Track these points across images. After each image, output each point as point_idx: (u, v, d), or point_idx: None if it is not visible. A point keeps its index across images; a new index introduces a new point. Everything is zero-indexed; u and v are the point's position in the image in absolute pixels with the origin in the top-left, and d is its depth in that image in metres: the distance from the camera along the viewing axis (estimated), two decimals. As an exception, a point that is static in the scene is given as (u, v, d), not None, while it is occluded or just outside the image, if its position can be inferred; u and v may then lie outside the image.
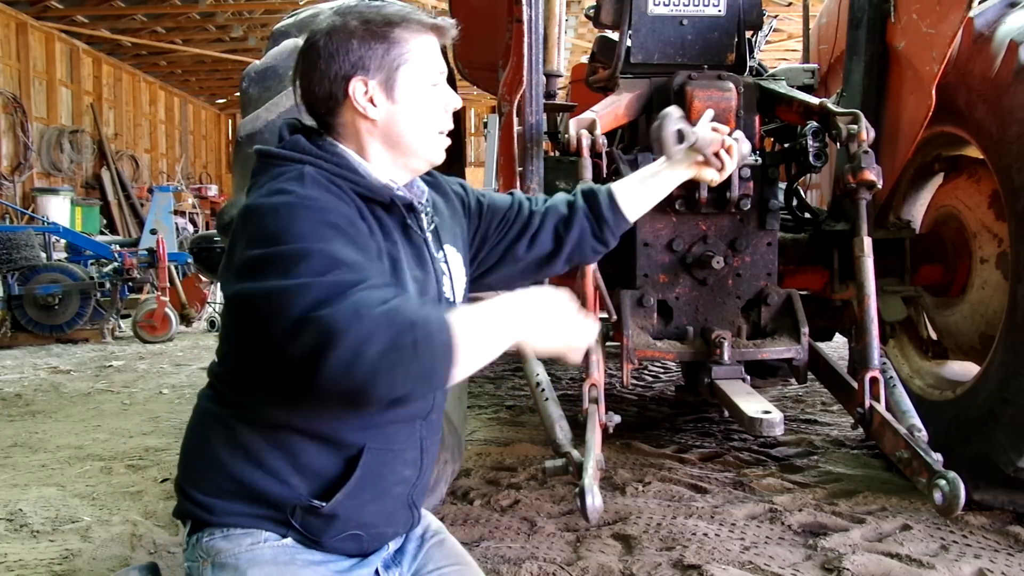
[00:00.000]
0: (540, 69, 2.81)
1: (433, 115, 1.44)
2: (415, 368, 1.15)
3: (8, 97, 13.35)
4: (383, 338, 1.12)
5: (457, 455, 2.77)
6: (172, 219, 9.95)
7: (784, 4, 6.60)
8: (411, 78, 1.41)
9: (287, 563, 1.36)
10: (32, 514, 2.95)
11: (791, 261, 3.20)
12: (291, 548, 1.38)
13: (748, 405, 2.48)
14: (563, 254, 1.72)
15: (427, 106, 1.43)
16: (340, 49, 1.37)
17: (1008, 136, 2.66)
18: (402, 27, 1.40)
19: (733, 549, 2.53)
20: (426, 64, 1.42)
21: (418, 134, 1.44)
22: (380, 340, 1.12)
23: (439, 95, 1.45)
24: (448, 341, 1.16)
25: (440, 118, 1.46)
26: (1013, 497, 2.74)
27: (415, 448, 1.48)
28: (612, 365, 4.48)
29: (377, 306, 1.14)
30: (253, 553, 1.36)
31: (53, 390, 5.51)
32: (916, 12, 2.88)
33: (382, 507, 1.44)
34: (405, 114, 1.42)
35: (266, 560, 1.36)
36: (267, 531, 1.37)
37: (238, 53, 16.41)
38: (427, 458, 1.51)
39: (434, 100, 1.44)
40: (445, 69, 1.47)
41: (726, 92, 2.94)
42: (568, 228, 1.70)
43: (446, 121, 1.47)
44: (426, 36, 1.42)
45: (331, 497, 1.36)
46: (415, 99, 1.42)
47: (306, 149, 1.38)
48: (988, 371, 2.82)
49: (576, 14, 12.36)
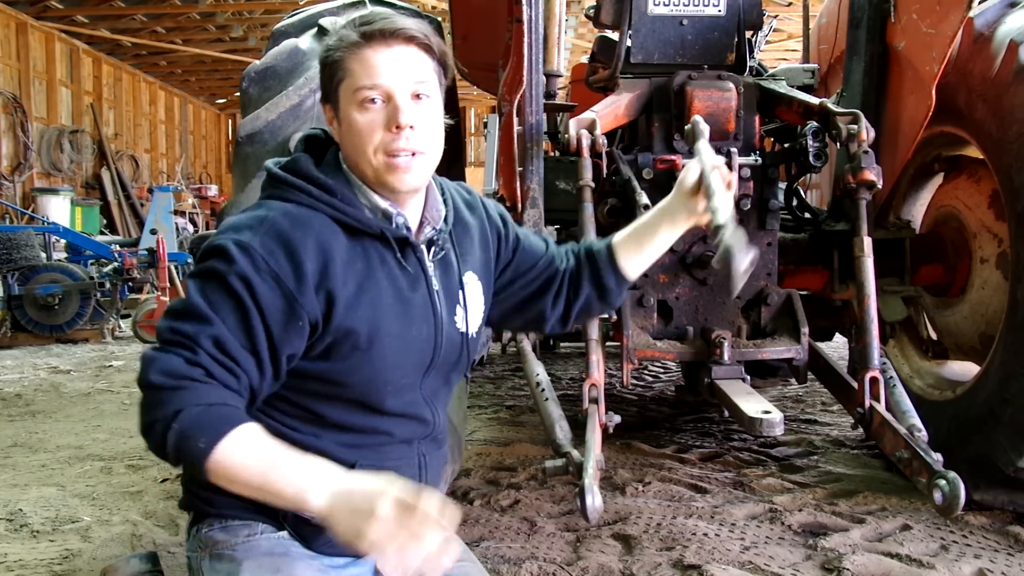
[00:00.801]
0: (540, 69, 2.81)
1: (366, 133, 1.32)
2: (177, 459, 1.23)
3: (8, 97, 13.35)
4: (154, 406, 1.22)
5: (457, 455, 2.77)
6: (172, 219, 9.96)
7: (784, 4, 6.60)
8: (345, 97, 1.35)
9: (282, 555, 1.37)
10: (32, 514, 2.95)
11: (791, 261, 3.20)
12: (287, 541, 1.39)
13: (748, 405, 2.48)
14: (570, 319, 1.68)
15: (356, 124, 1.33)
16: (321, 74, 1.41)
17: (1008, 136, 2.66)
18: (340, 44, 1.34)
19: (733, 549, 2.53)
20: (357, 79, 1.32)
21: (356, 157, 1.36)
22: (152, 405, 1.23)
23: (374, 111, 1.32)
24: (200, 456, 1.20)
25: (376, 136, 1.32)
26: (1013, 497, 2.73)
27: (413, 465, 1.47)
28: (612, 365, 4.48)
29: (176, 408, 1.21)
30: (249, 544, 1.38)
31: (53, 390, 5.51)
32: (916, 12, 2.88)
33: None
34: (345, 136, 1.37)
35: (262, 551, 1.37)
36: (263, 523, 1.39)
37: (238, 53, 16.42)
38: (429, 472, 1.51)
39: (365, 117, 1.32)
40: (400, 81, 1.32)
41: (726, 92, 2.94)
42: (576, 295, 1.66)
43: (387, 139, 1.32)
44: (360, 51, 1.32)
45: None
46: (348, 118, 1.35)
47: (301, 173, 1.37)
48: (988, 371, 2.82)
49: (576, 14, 12.36)
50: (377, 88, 1.32)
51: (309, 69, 3.00)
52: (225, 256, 1.27)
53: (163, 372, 1.22)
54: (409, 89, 1.33)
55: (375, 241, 1.37)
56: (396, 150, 1.32)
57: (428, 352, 1.44)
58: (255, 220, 1.32)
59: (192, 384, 1.22)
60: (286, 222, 1.31)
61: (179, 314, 1.27)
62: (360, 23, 1.34)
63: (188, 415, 1.20)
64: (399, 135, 1.32)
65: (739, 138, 2.99)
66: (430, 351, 1.44)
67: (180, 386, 1.21)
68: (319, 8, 3.48)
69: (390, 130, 1.32)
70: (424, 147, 1.35)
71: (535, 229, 2.87)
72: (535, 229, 2.87)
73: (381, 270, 1.37)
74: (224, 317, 1.26)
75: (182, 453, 1.21)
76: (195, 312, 1.26)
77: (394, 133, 1.32)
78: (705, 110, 2.93)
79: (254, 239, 1.28)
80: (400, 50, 1.33)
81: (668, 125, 3.02)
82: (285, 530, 1.39)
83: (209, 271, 1.28)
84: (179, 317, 1.27)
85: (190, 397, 1.21)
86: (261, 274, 1.27)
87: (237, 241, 1.28)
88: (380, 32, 1.32)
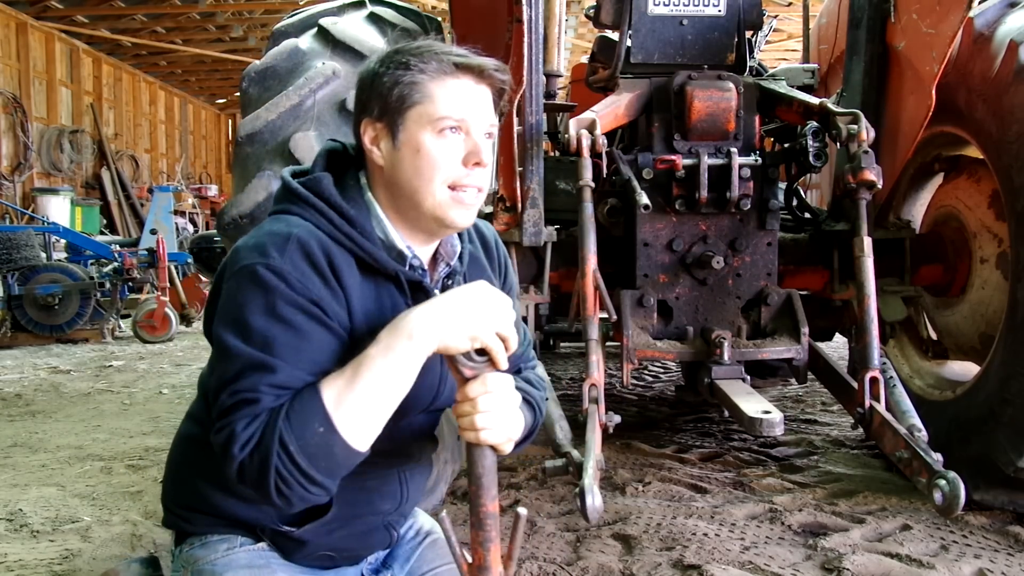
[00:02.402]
0: (540, 69, 2.82)
1: (437, 163, 1.27)
2: (306, 475, 1.15)
3: (8, 97, 13.35)
4: (263, 468, 1.14)
5: (457, 455, 2.77)
6: (172, 219, 9.96)
7: (784, 4, 6.60)
8: (417, 121, 1.28)
9: (263, 566, 1.38)
10: (32, 514, 2.94)
11: (791, 261, 3.20)
12: (267, 552, 1.40)
13: (748, 405, 2.48)
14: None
15: (431, 152, 1.27)
16: (362, 91, 1.34)
17: (1008, 136, 2.66)
18: (419, 67, 1.28)
19: (733, 549, 2.52)
20: (440, 107, 1.27)
21: (417, 184, 1.28)
22: (260, 470, 1.14)
23: (452, 142, 1.28)
24: (322, 433, 1.14)
25: (448, 168, 1.28)
26: (1013, 497, 2.74)
27: (393, 484, 1.46)
28: (612, 365, 4.48)
29: (260, 438, 1.14)
30: (229, 558, 1.38)
31: (53, 390, 5.51)
32: (916, 12, 2.88)
33: (355, 534, 1.44)
34: (405, 160, 1.29)
35: (241, 564, 1.38)
36: (242, 536, 1.39)
37: (238, 53, 16.43)
38: (410, 489, 1.49)
39: (442, 146, 1.27)
40: (480, 118, 1.30)
41: (726, 92, 2.95)
42: None
43: (459, 173, 1.28)
44: (447, 79, 1.28)
45: (301, 526, 1.36)
46: (417, 143, 1.28)
47: (322, 194, 1.30)
48: (988, 371, 2.82)
49: (576, 14, 12.35)
50: (462, 121, 1.28)
51: (309, 69, 3.00)
52: (260, 283, 1.20)
53: (243, 444, 1.15)
54: (485, 128, 1.31)
55: (388, 282, 1.32)
56: (465, 185, 1.29)
57: (428, 399, 1.39)
58: (280, 239, 1.23)
59: (267, 426, 1.15)
60: (313, 242, 1.24)
61: (232, 371, 1.19)
62: (451, 54, 1.30)
63: (286, 433, 1.13)
64: (472, 171, 1.29)
65: (739, 138, 2.99)
66: (430, 398, 1.39)
67: (262, 434, 1.15)
68: (319, 8, 3.48)
69: (467, 165, 1.29)
70: (484, 186, 1.33)
71: (534, 238, 2.87)
72: (534, 238, 2.87)
73: (391, 314, 1.28)
74: (278, 352, 1.18)
75: (319, 456, 1.14)
76: (249, 363, 1.18)
77: (469, 168, 1.29)
78: (705, 110, 2.93)
79: (284, 262, 1.21)
80: (485, 90, 1.32)
81: (668, 125, 3.02)
82: (263, 542, 1.40)
83: (246, 304, 1.20)
84: (237, 375, 1.18)
85: (272, 425, 1.15)
86: (302, 297, 1.21)
87: (268, 265, 1.20)
88: (478, 68, 1.30)
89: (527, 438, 1.47)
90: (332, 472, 1.18)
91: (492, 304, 1.22)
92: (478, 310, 1.20)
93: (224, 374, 1.19)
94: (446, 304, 1.21)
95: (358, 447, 1.17)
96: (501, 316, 1.22)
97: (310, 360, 1.20)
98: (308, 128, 2.89)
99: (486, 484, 1.24)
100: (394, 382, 1.18)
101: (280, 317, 1.19)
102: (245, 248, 1.25)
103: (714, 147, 2.95)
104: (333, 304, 1.24)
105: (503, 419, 1.22)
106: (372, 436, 1.19)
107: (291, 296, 1.20)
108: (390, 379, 1.17)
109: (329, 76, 2.95)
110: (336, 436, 1.15)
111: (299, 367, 1.19)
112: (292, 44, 3.14)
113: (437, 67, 1.28)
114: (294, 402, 1.16)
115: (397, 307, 1.30)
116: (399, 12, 3.45)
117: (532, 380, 1.57)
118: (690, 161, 2.86)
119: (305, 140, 2.83)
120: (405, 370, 1.18)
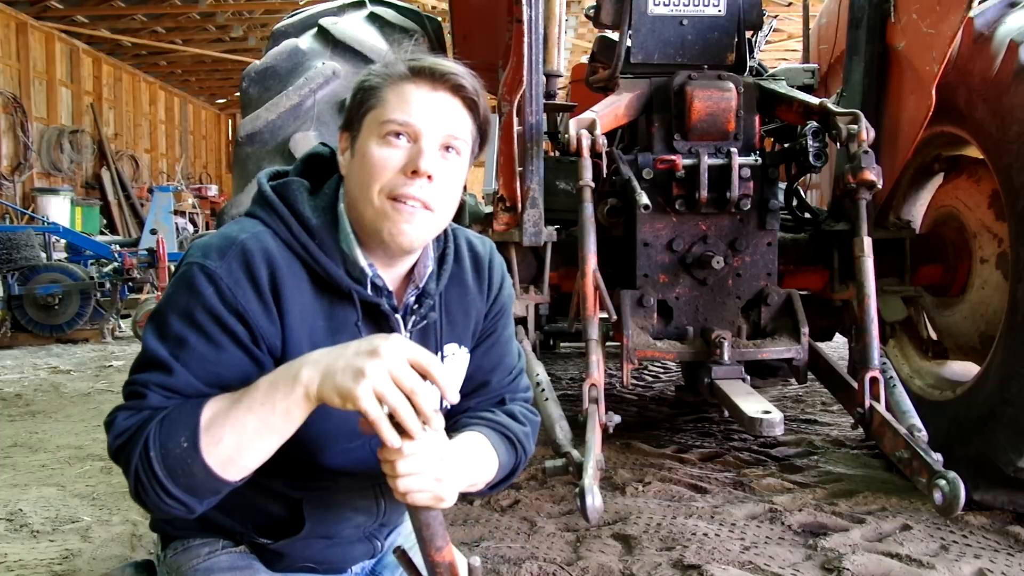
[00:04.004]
0: (540, 69, 2.82)
1: (377, 168, 1.17)
2: (162, 486, 1.09)
3: (8, 97, 13.35)
4: (127, 465, 1.11)
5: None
6: (172, 219, 9.98)
7: (784, 4, 6.62)
8: (369, 126, 1.21)
9: (244, 568, 1.38)
10: (32, 514, 2.94)
11: (791, 261, 3.21)
12: (248, 555, 1.40)
13: (748, 405, 2.48)
14: None
15: (372, 157, 1.18)
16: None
17: (1008, 136, 2.66)
18: (384, 73, 1.22)
19: (733, 549, 2.52)
20: (387, 110, 1.19)
21: (358, 193, 1.20)
22: (124, 466, 1.11)
23: (395, 148, 1.18)
24: (184, 448, 1.08)
25: (385, 175, 1.17)
26: (1013, 497, 2.74)
27: (368, 498, 1.41)
28: (612, 365, 4.48)
29: (138, 439, 1.10)
30: (210, 561, 1.38)
31: (53, 390, 5.51)
32: (916, 12, 2.88)
33: (332, 547, 1.42)
34: (354, 167, 1.22)
35: (223, 567, 1.37)
36: (223, 540, 1.39)
37: (238, 53, 16.43)
38: (388, 501, 1.43)
39: (383, 152, 1.18)
40: (434, 126, 1.19)
41: (726, 92, 2.95)
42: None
43: (396, 182, 1.17)
44: (402, 83, 1.20)
45: (278, 540, 1.36)
46: (363, 146, 1.20)
47: (287, 200, 1.24)
48: (988, 371, 2.82)
49: (576, 14, 12.35)
50: (407, 125, 1.18)
51: (309, 69, 3.00)
52: (190, 284, 1.16)
53: (117, 435, 1.12)
54: (440, 138, 1.20)
55: (343, 300, 1.24)
56: (404, 195, 1.17)
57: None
58: (226, 243, 1.19)
59: (143, 424, 1.12)
60: (257, 251, 1.18)
61: (139, 363, 1.17)
62: (410, 57, 1.23)
63: (152, 437, 1.09)
64: (413, 181, 1.17)
65: (739, 138, 2.99)
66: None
67: (135, 431, 1.12)
68: (319, 8, 3.49)
69: (406, 173, 1.17)
70: (436, 204, 1.20)
71: (534, 238, 2.87)
72: (534, 238, 2.87)
73: (344, 333, 1.22)
74: (184, 356, 1.14)
75: (177, 470, 1.08)
76: (153, 359, 1.15)
77: (408, 177, 1.17)
78: (705, 110, 2.94)
79: (220, 266, 1.16)
80: (444, 97, 1.21)
81: (668, 125, 3.03)
82: (243, 545, 1.39)
83: (172, 301, 1.17)
84: (140, 367, 1.16)
85: (144, 425, 1.11)
86: (227, 307, 1.15)
87: (204, 267, 1.16)
88: (429, 71, 1.20)
89: (508, 478, 1.41)
90: (193, 491, 1.10)
91: (383, 363, 1.04)
92: (361, 369, 1.03)
93: (135, 363, 1.18)
94: (335, 356, 1.07)
95: (222, 475, 1.09)
96: (398, 376, 1.04)
97: (213, 372, 1.15)
98: (308, 128, 2.89)
99: (427, 537, 1.16)
100: (269, 420, 1.08)
101: (196, 323, 1.15)
102: (196, 245, 1.22)
103: (714, 147, 2.95)
104: (261, 318, 1.17)
105: (427, 481, 1.11)
106: (240, 468, 1.10)
107: (214, 304, 1.15)
108: (266, 416, 1.08)
109: (329, 76, 2.96)
110: (198, 456, 1.08)
111: (199, 376, 1.14)
112: (292, 44, 3.15)
113: (395, 71, 1.21)
114: (174, 410, 1.11)
115: (348, 327, 1.24)
116: (399, 12, 3.45)
117: (516, 414, 1.46)
118: (690, 161, 2.87)
119: (305, 140, 2.83)
120: (283, 411, 1.08)
